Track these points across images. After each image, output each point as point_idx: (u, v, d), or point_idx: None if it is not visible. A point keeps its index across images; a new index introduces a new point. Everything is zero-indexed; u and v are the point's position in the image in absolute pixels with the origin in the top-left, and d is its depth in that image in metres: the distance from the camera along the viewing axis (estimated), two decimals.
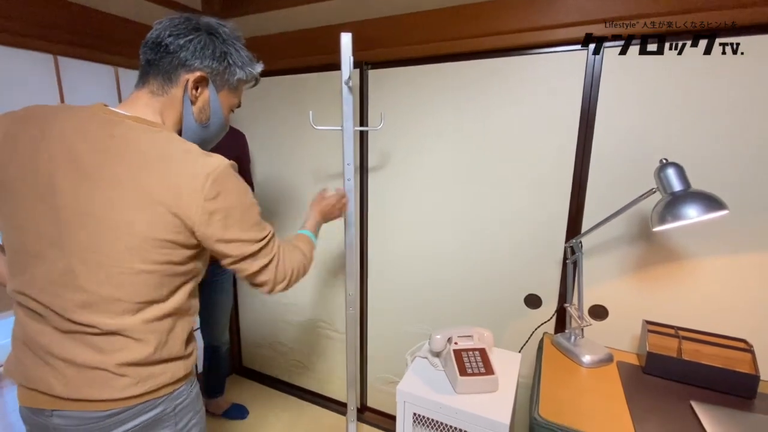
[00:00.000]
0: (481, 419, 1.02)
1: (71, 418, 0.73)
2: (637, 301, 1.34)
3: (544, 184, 1.41)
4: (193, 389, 0.84)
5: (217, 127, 0.86)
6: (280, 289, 0.87)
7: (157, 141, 0.71)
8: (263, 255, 0.81)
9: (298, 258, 0.91)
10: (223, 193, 0.72)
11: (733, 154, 1.15)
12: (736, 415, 0.97)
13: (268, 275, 0.83)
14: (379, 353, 1.89)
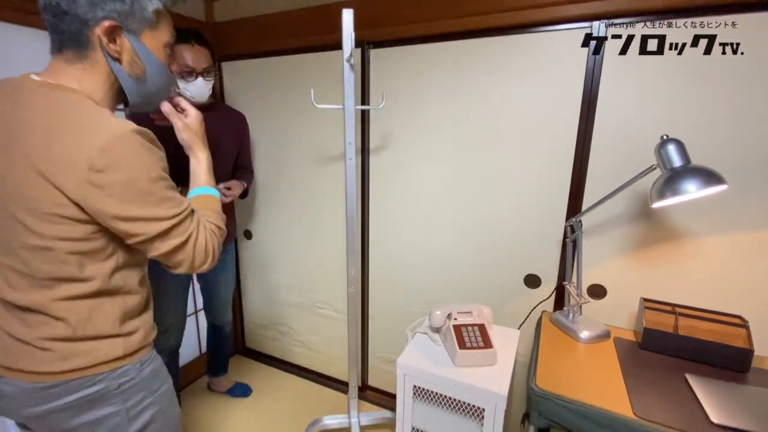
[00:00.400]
0: (480, 390, 1.04)
1: (14, 387, 0.74)
2: (635, 281, 1.35)
3: (546, 165, 1.41)
4: (144, 368, 0.80)
5: (158, 76, 0.77)
6: (204, 270, 0.80)
7: (55, 107, 0.66)
8: (176, 234, 0.73)
9: (215, 230, 0.82)
10: (117, 164, 0.64)
11: (733, 136, 1.15)
12: (730, 387, 1.00)
13: (183, 255, 0.75)
14: (379, 333, 1.91)
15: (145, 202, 0.68)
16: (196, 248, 0.77)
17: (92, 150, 0.63)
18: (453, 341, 1.14)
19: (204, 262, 0.79)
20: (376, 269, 1.84)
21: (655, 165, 1.05)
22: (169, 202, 0.72)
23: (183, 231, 0.74)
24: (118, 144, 0.64)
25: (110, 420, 0.77)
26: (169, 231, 0.72)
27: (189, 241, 0.75)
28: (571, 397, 0.94)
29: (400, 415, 1.19)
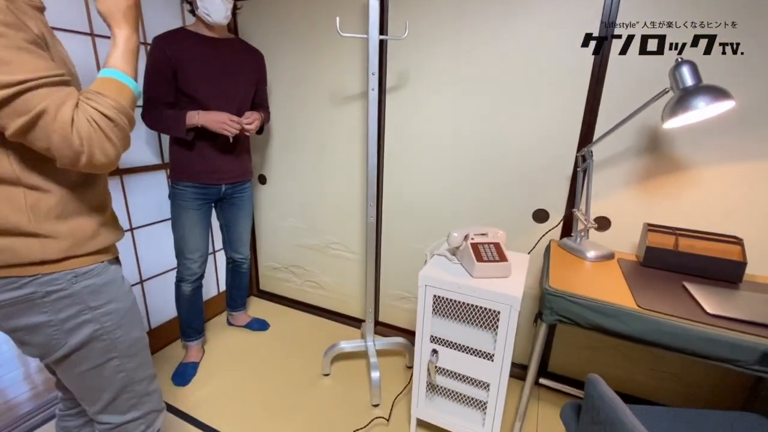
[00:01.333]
0: (497, 294, 1.14)
1: None
2: (639, 211, 1.44)
3: (558, 107, 1.46)
4: (78, 281, 0.76)
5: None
6: (83, 165, 0.66)
7: None
8: (18, 109, 0.60)
9: (97, 117, 0.66)
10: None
11: (738, 68, 1.21)
12: (723, 291, 1.10)
13: (43, 140, 0.62)
14: (391, 271, 2.01)
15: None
16: (58, 131, 0.62)
17: None
18: (471, 256, 1.23)
19: (80, 153, 0.64)
20: (389, 208, 1.92)
21: (668, 88, 1.11)
22: (8, 66, 0.59)
23: (27, 104, 0.60)
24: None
25: (44, 329, 0.76)
26: (6, 101, 0.59)
27: (41, 120, 0.61)
28: (581, 294, 1.04)
29: (420, 324, 1.29)
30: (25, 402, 1.64)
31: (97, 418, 0.89)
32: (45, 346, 0.77)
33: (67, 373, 0.83)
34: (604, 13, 1.33)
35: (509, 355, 1.17)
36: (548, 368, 1.75)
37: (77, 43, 1.44)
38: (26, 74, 0.60)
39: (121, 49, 0.74)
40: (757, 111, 1.22)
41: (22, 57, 0.60)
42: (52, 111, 0.62)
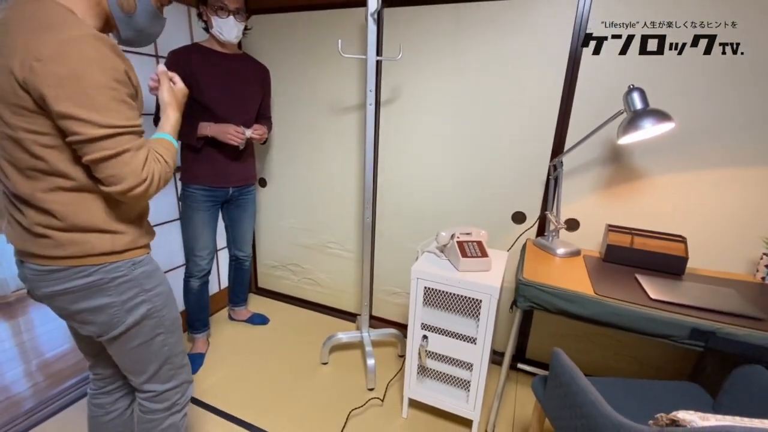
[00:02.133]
0: (479, 285, 1.33)
1: (30, 270, 0.86)
2: (603, 214, 1.64)
3: (534, 116, 1.66)
4: (136, 268, 0.90)
5: (145, 18, 0.86)
6: (137, 193, 0.79)
7: (36, 13, 0.73)
8: (108, 145, 0.74)
9: (160, 158, 0.85)
10: (61, 58, 0.68)
11: (686, 86, 1.42)
12: (667, 281, 1.31)
13: (114, 169, 0.76)
14: (383, 268, 2.18)
15: (83, 103, 0.70)
16: (130, 166, 0.77)
17: (45, 43, 0.68)
18: (457, 252, 1.41)
19: (139, 185, 0.78)
20: (382, 210, 2.09)
21: (622, 110, 1.31)
22: (112, 112, 0.73)
23: (117, 144, 0.75)
24: (71, 42, 0.69)
25: (108, 309, 0.89)
26: (101, 139, 0.73)
27: (121, 156, 0.76)
28: (549, 283, 1.23)
29: (412, 313, 1.46)
30: (27, 398, 1.70)
31: (142, 387, 1.02)
32: (107, 324, 0.90)
33: (121, 348, 0.95)
34: (572, 43, 1.53)
35: (489, 338, 1.36)
36: (526, 355, 1.95)
37: None
38: (124, 121, 0.76)
39: (172, 124, 0.96)
40: (698, 129, 1.44)
41: (122, 108, 0.76)
42: (131, 152, 0.78)
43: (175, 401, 1.06)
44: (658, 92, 1.39)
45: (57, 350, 2.07)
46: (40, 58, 0.68)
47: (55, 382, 1.80)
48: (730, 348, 1.05)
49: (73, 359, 1.97)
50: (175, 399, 1.06)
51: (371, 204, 1.73)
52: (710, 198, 1.48)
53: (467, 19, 1.66)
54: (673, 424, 0.72)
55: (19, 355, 2.07)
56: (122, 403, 1.17)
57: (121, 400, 1.16)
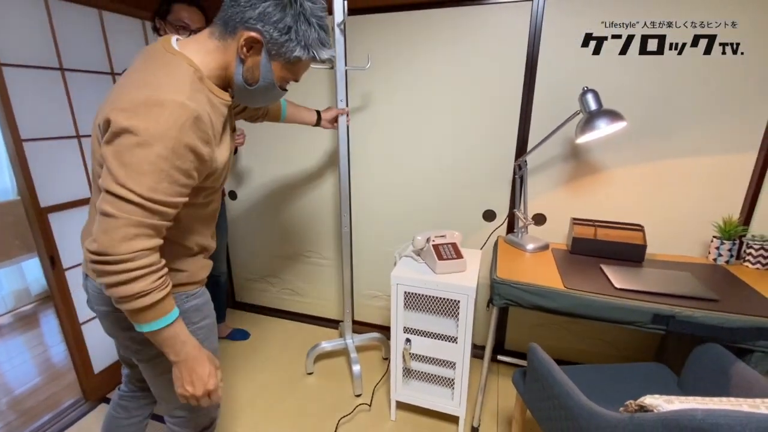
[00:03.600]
0: (456, 286, 1.37)
1: (91, 285, 0.91)
2: (567, 207, 1.72)
3: (497, 120, 1.71)
4: (188, 301, 0.91)
5: (262, 92, 0.85)
6: (94, 259, 0.69)
7: (153, 63, 0.76)
8: (113, 203, 0.68)
9: (143, 283, 0.71)
10: (134, 112, 0.67)
11: (638, 93, 1.51)
12: (629, 269, 1.39)
13: (99, 226, 0.69)
14: (363, 273, 2.20)
15: (125, 158, 0.67)
16: (110, 233, 0.68)
17: (136, 95, 0.69)
18: (433, 255, 1.45)
19: (96, 251, 0.68)
20: (358, 217, 2.11)
21: (578, 111, 1.38)
22: (138, 176, 0.67)
23: (121, 209, 0.68)
24: (154, 103, 0.68)
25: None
26: (113, 195, 0.68)
27: (112, 220, 0.67)
28: (521, 281, 1.29)
29: (394, 318, 1.49)
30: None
31: (172, 412, 1.02)
32: (145, 349, 0.91)
33: (155, 372, 0.95)
34: (529, 46, 1.59)
35: (469, 336, 1.40)
36: (505, 346, 2.02)
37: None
38: (140, 190, 0.68)
39: (179, 336, 0.80)
40: (649, 125, 1.53)
41: (154, 177, 0.68)
42: (133, 230, 0.68)
43: (204, 427, 1.07)
44: (611, 90, 1.46)
45: (27, 385, 1.97)
46: (117, 108, 0.68)
47: (29, 419, 1.72)
48: (689, 330, 1.13)
49: (45, 394, 1.88)
50: (204, 424, 1.06)
51: (348, 214, 1.74)
52: (664, 188, 1.58)
53: (428, 25, 1.69)
54: (641, 410, 0.78)
55: None
56: (145, 411, 1.20)
57: (145, 408, 1.20)
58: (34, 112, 1.46)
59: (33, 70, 1.44)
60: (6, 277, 2.63)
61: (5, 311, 2.64)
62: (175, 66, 0.75)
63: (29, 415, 1.75)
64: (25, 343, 2.36)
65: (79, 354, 1.69)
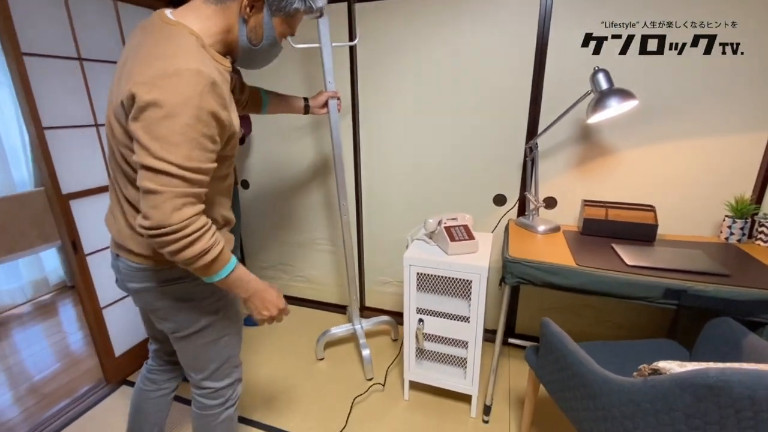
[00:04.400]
0: (468, 266, 1.39)
1: (123, 264, 0.93)
2: (578, 190, 1.73)
3: (507, 101, 1.72)
4: None
5: (266, 50, 0.88)
6: (152, 234, 0.73)
7: (154, 36, 0.77)
8: (154, 179, 0.71)
9: (203, 243, 0.77)
10: (153, 86, 0.69)
11: (647, 71, 1.51)
12: (641, 248, 1.40)
13: (146, 203, 0.72)
14: (374, 260, 2.23)
15: (154, 129, 0.70)
16: (159, 209, 0.71)
17: (151, 70, 0.71)
18: (445, 237, 1.47)
19: (156, 226, 0.72)
20: (367, 203, 2.13)
21: (590, 90, 1.38)
22: (172, 147, 0.70)
23: (162, 182, 0.71)
24: (171, 74, 0.70)
25: (187, 309, 0.95)
26: (150, 169, 0.71)
27: (158, 195, 0.71)
28: (534, 259, 1.31)
29: (407, 299, 1.52)
30: (20, 423, 1.67)
31: (201, 384, 1.05)
32: (184, 321, 0.95)
33: (189, 345, 0.99)
34: (539, 30, 1.59)
35: (482, 315, 1.42)
36: (515, 330, 2.04)
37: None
38: (177, 160, 0.71)
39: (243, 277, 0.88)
40: (660, 105, 1.53)
41: (187, 146, 0.72)
42: (180, 201, 0.73)
43: (229, 397, 1.09)
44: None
45: (45, 372, 2.03)
46: (138, 82, 0.70)
47: (47, 404, 1.77)
48: (700, 303, 1.14)
49: (61, 381, 1.94)
50: (229, 395, 1.09)
51: (346, 201, 1.74)
52: (676, 167, 1.58)
53: (438, 10, 1.70)
54: (654, 373, 0.80)
55: (7, 380, 2.02)
56: (172, 383, 1.25)
57: (173, 381, 1.24)
58: (55, 101, 1.50)
59: (53, 60, 1.48)
60: (25, 267, 2.70)
61: (24, 300, 2.71)
62: (178, 36, 0.77)
63: (48, 400, 1.80)
64: (43, 331, 2.42)
65: (101, 337, 1.74)
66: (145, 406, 1.21)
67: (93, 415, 1.67)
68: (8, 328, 2.46)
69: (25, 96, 1.40)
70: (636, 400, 0.80)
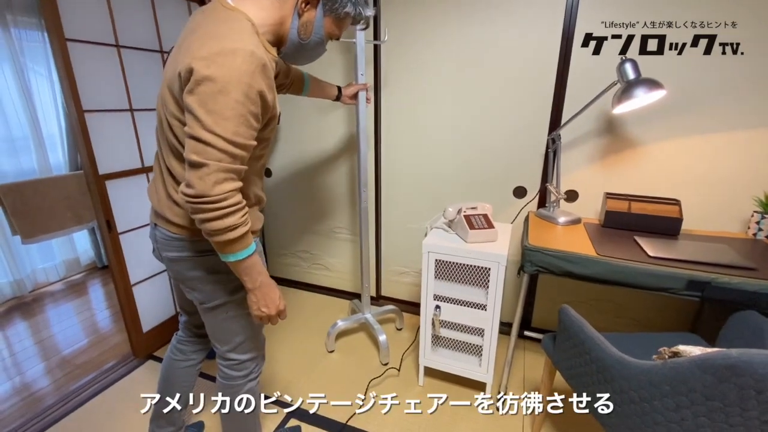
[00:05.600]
0: (487, 254, 1.40)
1: (160, 233, 0.98)
2: (600, 183, 1.72)
3: (530, 95, 1.72)
4: None
5: (313, 47, 0.93)
6: (191, 201, 0.78)
7: (218, 21, 0.80)
8: (202, 152, 0.76)
9: (235, 211, 0.82)
10: (211, 61, 0.73)
11: (678, 65, 1.49)
12: (664, 241, 1.39)
13: (192, 174, 0.77)
14: (392, 250, 2.25)
15: (204, 102, 0.74)
16: (204, 180, 0.76)
17: (208, 47, 0.75)
18: (464, 225, 1.48)
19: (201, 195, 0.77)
20: (386, 193, 2.16)
21: (616, 81, 1.37)
22: (222, 120, 0.75)
23: (205, 153, 0.76)
24: (227, 52, 0.74)
25: (216, 281, 0.98)
26: (198, 140, 0.75)
27: (202, 169, 0.76)
28: (554, 248, 1.31)
29: (424, 285, 1.54)
30: (49, 394, 1.74)
31: (226, 355, 1.09)
32: (212, 293, 0.99)
33: (216, 317, 1.03)
34: (565, 20, 1.59)
35: (499, 304, 1.43)
36: (531, 324, 2.04)
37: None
38: (225, 134, 0.76)
39: (250, 279, 0.91)
40: (688, 98, 1.50)
41: (235, 121, 0.76)
42: (222, 175, 0.78)
43: (252, 370, 1.13)
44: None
45: (74, 347, 2.13)
46: (197, 57, 0.75)
47: (74, 377, 1.86)
48: (725, 296, 1.13)
49: (90, 355, 2.03)
50: (252, 368, 1.13)
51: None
52: (702, 162, 1.55)
53: (467, 3, 1.71)
54: (675, 356, 0.80)
55: (39, 352, 2.13)
56: (199, 355, 1.30)
57: (200, 352, 1.30)
58: (94, 85, 1.57)
59: (93, 46, 1.56)
60: (59, 247, 2.83)
61: (57, 279, 2.85)
62: (235, 20, 0.82)
63: (75, 373, 1.89)
64: (74, 308, 2.54)
65: (130, 313, 1.82)
66: (174, 374, 1.27)
67: (121, 387, 1.75)
68: (42, 304, 2.59)
69: (68, 80, 1.48)
70: (655, 383, 0.81)
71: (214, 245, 0.85)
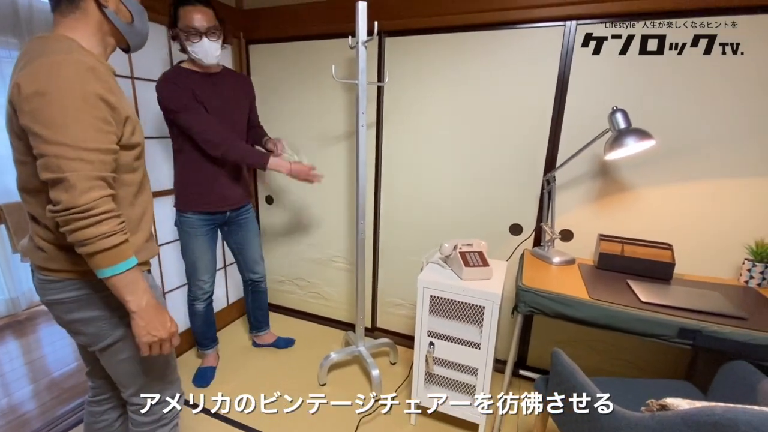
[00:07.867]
0: (482, 292, 1.41)
1: (36, 278, 0.94)
2: (595, 224, 1.75)
3: (526, 137, 1.78)
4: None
5: (140, 19, 0.91)
6: (61, 216, 0.75)
7: (43, 41, 0.79)
8: (50, 166, 0.73)
9: (110, 224, 0.78)
10: (35, 77, 0.73)
11: (665, 109, 1.55)
12: (656, 285, 1.40)
13: (54, 192, 0.74)
14: (388, 281, 2.26)
15: (39, 117, 0.72)
16: (68, 192, 0.73)
17: (32, 67, 0.74)
18: (460, 262, 1.50)
19: (70, 210, 0.74)
20: (385, 228, 2.19)
21: (608, 129, 1.43)
22: (64, 129, 0.72)
23: (65, 168, 0.73)
24: (51, 64, 0.73)
25: (96, 322, 0.92)
26: (45, 157, 0.73)
27: (66, 181, 0.73)
28: (547, 289, 1.32)
29: (419, 321, 1.54)
30: (35, 418, 1.72)
31: (130, 399, 1.03)
32: (95, 335, 0.94)
33: (110, 359, 0.98)
34: (560, 66, 1.66)
35: (493, 343, 1.43)
36: (527, 362, 2.02)
37: None
38: (72, 141, 0.74)
39: (135, 298, 0.85)
40: (680, 145, 1.56)
41: (81, 126, 0.75)
42: (76, 181, 0.74)
43: (162, 415, 1.06)
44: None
45: (64, 369, 2.10)
46: (22, 75, 0.74)
47: (62, 401, 1.83)
48: (716, 345, 1.13)
49: (80, 378, 2.01)
50: (163, 413, 1.06)
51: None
52: (694, 208, 1.59)
53: (463, 45, 1.80)
54: (662, 409, 0.81)
55: (29, 373, 2.10)
56: (111, 414, 1.19)
57: (109, 412, 1.19)
58: None
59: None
60: None
61: None
62: (63, 41, 0.81)
63: (63, 397, 1.86)
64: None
65: None
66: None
67: None
68: (35, 323, 2.57)
69: None
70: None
71: (89, 261, 0.79)
